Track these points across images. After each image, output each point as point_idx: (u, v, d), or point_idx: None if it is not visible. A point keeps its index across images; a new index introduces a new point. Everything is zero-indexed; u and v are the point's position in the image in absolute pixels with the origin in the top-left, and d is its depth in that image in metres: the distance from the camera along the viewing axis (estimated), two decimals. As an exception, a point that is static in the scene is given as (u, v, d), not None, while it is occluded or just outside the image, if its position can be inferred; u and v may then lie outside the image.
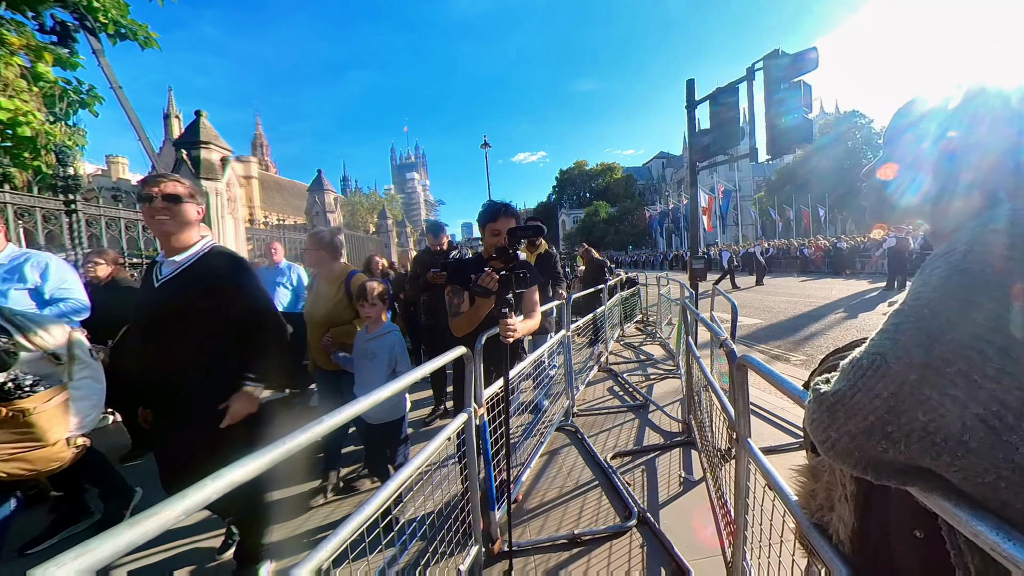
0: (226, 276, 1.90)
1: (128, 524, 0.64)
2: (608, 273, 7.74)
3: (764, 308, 10.62)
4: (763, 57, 5.83)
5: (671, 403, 4.23)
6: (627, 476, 2.92)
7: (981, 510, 0.52)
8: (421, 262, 4.31)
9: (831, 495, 0.88)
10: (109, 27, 6.71)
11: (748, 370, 1.52)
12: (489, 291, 1.93)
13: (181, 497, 0.72)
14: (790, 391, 1.08)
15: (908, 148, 0.72)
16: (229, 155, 9.40)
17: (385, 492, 1.37)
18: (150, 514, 0.67)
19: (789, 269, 23.47)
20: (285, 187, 61.26)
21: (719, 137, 6.71)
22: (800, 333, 7.67)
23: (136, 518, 0.65)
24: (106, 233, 6.54)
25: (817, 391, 0.64)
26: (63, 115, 6.40)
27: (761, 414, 3.72)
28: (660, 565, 2.10)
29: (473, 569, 1.98)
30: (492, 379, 2.33)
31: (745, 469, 1.57)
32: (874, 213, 0.82)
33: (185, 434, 1.83)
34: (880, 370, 0.55)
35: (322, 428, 1.06)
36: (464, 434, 1.99)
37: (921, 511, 0.62)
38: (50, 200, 5.50)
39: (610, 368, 5.58)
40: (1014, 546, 0.47)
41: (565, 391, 4.02)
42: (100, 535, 0.61)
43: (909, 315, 0.55)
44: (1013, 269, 0.49)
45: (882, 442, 0.55)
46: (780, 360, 6.08)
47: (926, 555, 0.66)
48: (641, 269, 31.27)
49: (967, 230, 0.56)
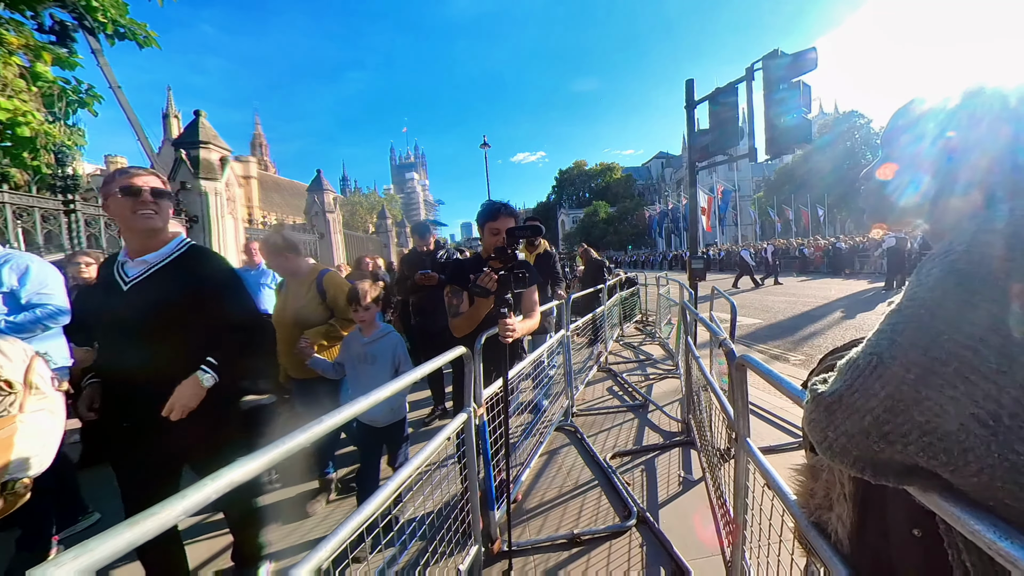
0: (208, 277, 1.79)
1: (128, 524, 0.64)
2: (607, 273, 7.74)
3: (763, 308, 10.63)
4: (762, 57, 5.83)
5: (670, 403, 4.23)
6: (626, 476, 2.92)
7: (978, 509, 0.52)
8: (408, 263, 4.23)
9: (829, 494, 0.89)
10: (108, 27, 6.70)
11: (747, 370, 1.53)
12: (488, 291, 1.93)
13: (181, 497, 0.72)
14: (789, 391, 1.08)
15: (906, 149, 0.72)
16: (228, 155, 9.40)
17: (384, 492, 1.37)
18: (150, 513, 0.67)
19: (789, 269, 23.52)
20: (284, 187, 61.18)
21: (718, 137, 6.71)
22: (799, 333, 7.68)
23: (136, 517, 0.66)
24: (105, 233, 6.54)
25: (815, 391, 0.64)
26: (62, 115, 6.39)
27: (760, 414, 3.72)
28: (659, 565, 2.10)
29: (473, 569, 1.98)
30: (492, 379, 2.34)
31: (744, 468, 1.57)
32: (873, 214, 0.82)
33: (171, 442, 1.69)
34: (877, 370, 0.55)
35: (322, 428, 1.06)
36: (464, 434, 1.99)
37: (919, 510, 0.62)
38: (49, 200, 5.50)
39: (609, 368, 5.58)
40: (1011, 544, 0.47)
41: (565, 391, 4.02)
42: (99, 535, 0.61)
43: (906, 315, 0.55)
44: (1010, 269, 0.49)
45: (879, 442, 0.55)
46: (779, 360, 6.09)
47: (924, 554, 0.66)
48: (640, 269, 31.30)
49: (964, 230, 0.56)
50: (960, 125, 0.65)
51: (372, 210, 41.38)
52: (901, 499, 0.65)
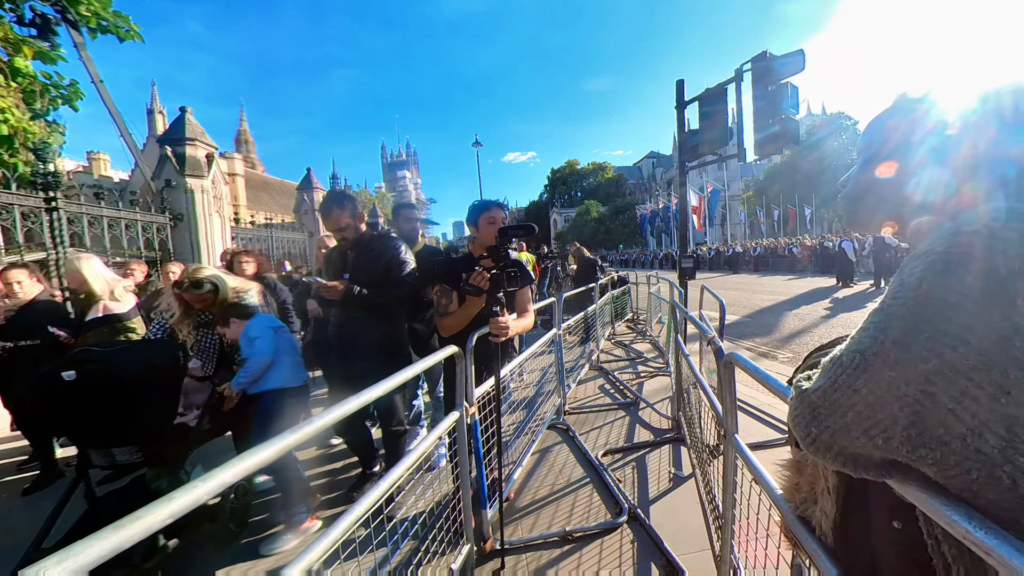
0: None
1: (114, 528, 0.64)
2: (599, 272, 7.78)
3: (750, 306, 10.76)
4: (751, 59, 5.90)
5: (661, 400, 4.27)
6: (618, 473, 2.95)
7: (955, 501, 0.53)
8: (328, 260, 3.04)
9: (814, 488, 0.91)
10: (91, 20, 6.54)
11: (735, 367, 1.55)
12: (480, 290, 1.92)
13: (168, 500, 0.71)
14: (775, 388, 1.10)
15: (883, 155, 0.74)
16: (215, 152, 9.26)
17: (376, 492, 1.37)
18: (135, 517, 0.66)
19: (777, 268, 23.83)
20: (273, 186, 60.40)
21: (708, 137, 6.78)
22: (786, 331, 7.79)
23: (121, 521, 0.65)
24: (88, 231, 6.41)
25: (799, 388, 0.66)
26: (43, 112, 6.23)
27: (748, 410, 3.78)
28: (650, 561, 2.12)
29: (465, 568, 1.98)
30: (482, 379, 2.33)
31: (732, 464, 1.60)
32: (851, 221, 0.84)
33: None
34: (860, 368, 0.56)
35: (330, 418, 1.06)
36: (455, 433, 1.99)
37: (899, 503, 0.64)
38: (29, 197, 5.36)
39: (601, 366, 5.62)
40: (985, 534, 0.49)
41: (557, 389, 4.04)
42: (89, 537, 0.61)
43: (888, 314, 0.56)
44: (988, 269, 0.50)
45: (861, 437, 0.56)
46: (767, 357, 6.17)
47: (904, 545, 0.68)
48: (632, 268, 31.47)
49: (944, 231, 0.57)
50: (936, 133, 0.66)
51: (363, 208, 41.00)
52: (882, 493, 0.67)
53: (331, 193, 2.60)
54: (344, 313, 2.61)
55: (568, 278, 7.91)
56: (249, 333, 2.47)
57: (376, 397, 1.33)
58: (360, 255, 2.64)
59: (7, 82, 5.58)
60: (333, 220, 2.57)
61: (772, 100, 5.75)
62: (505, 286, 1.88)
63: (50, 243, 5.45)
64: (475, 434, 2.11)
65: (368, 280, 2.55)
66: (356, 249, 2.66)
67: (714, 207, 37.86)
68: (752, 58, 5.88)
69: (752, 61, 5.87)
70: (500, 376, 2.08)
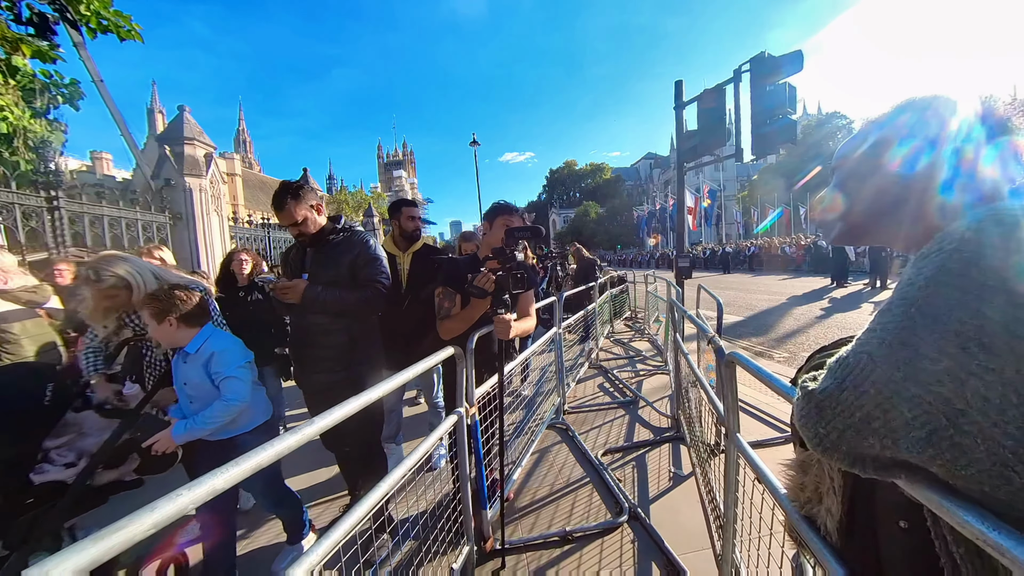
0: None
1: (114, 528, 0.64)
2: (598, 271, 7.79)
3: (746, 306, 10.77)
4: (749, 59, 5.92)
5: (660, 399, 4.28)
6: (618, 472, 2.95)
7: (966, 501, 0.53)
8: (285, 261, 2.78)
9: (819, 488, 0.90)
10: (92, 19, 6.51)
11: (736, 367, 1.55)
12: (486, 292, 1.88)
13: (151, 509, 0.70)
14: (778, 388, 1.10)
15: (861, 171, 0.74)
16: (213, 151, 9.23)
17: (377, 493, 1.36)
18: (133, 518, 0.66)
19: (772, 267, 23.89)
20: (270, 185, 60.09)
21: (706, 138, 6.80)
22: (782, 330, 7.81)
23: (121, 522, 0.65)
24: (90, 231, 6.38)
25: (805, 388, 0.65)
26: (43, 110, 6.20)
27: (747, 409, 3.78)
28: (651, 560, 2.12)
29: (465, 568, 1.97)
30: (482, 380, 2.32)
31: (734, 463, 1.60)
32: (829, 237, 0.83)
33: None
34: (867, 368, 0.56)
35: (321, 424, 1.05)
36: (455, 434, 1.99)
37: (905, 503, 0.64)
38: (31, 196, 5.34)
39: (600, 365, 5.62)
40: (999, 534, 0.49)
41: (556, 388, 4.04)
42: (92, 536, 0.61)
43: (896, 314, 0.56)
44: (999, 267, 0.50)
45: (869, 438, 0.56)
46: (763, 357, 6.18)
47: (910, 545, 0.68)
48: (629, 268, 31.51)
49: (952, 229, 0.57)
50: (918, 143, 0.66)
51: (358, 208, 40.84)
52: (888, 492, 0.67)
53: (283, 184, 2.22)
54: (302, 318, 2.32)
55: (568, 277, 7.91)
56: (219, 368, 1.89)
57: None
58: (320, 252, 2.31)
59: (5, 80, 5.55)
60: (287, 213, 2.19)
61: (770, 100, 5.77)
62: (511, 288, 1.84)
63: (52, 243, 5.43)
64: (475, 434, 2.10)
65: (331, 280, 2.25)
66: (316, 245, 2.32)
67: (712, 207, 37.96)
68: (751, 58, 5.91)
69: (751, 61, 5.90)
70: (503, 377, 2.07)
